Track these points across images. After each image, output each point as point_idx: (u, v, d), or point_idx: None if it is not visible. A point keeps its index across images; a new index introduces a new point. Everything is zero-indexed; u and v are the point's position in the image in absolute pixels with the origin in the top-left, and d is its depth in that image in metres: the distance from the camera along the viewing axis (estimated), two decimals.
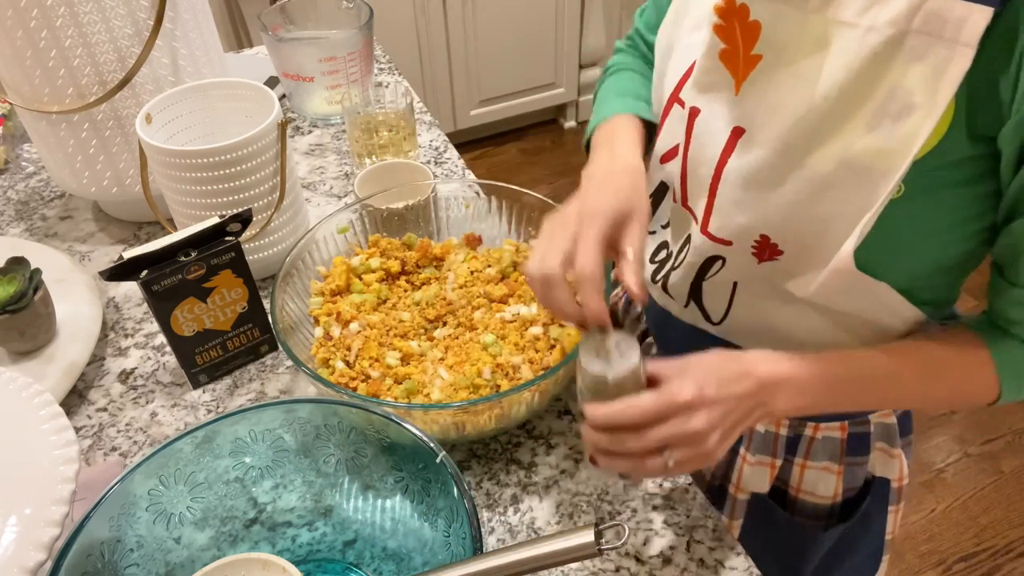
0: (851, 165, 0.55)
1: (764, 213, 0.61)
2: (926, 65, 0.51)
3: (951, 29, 0.49)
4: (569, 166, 2.79)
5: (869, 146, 0.54)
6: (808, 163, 0.57)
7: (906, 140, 0.52)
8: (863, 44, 0.52)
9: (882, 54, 0.52)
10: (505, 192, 0.92)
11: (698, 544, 0.71)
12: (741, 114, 0.60)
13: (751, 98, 0.59)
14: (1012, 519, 1.77)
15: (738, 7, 0.58)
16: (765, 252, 0.63)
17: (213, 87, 0.94)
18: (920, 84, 0.51)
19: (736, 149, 0.61)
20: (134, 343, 0.92)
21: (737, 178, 0.62)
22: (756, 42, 0.58)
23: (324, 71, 1.18)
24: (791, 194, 0.59)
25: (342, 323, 0.82)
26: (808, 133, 0.56)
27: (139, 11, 0.89)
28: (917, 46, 0.51)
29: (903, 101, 0.52)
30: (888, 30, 0.51)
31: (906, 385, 0.63)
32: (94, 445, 0.81)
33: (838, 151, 0.55)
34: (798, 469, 0.81)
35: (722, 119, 0.62)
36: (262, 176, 0.88)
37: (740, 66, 0.59)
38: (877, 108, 0.53)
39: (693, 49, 0.66)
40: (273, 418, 0.64)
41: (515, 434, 0.81)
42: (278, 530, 0.67)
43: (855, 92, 0.54)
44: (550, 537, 0.54)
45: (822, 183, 0.57)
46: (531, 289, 0.64)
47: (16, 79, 0.91)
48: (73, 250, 1.05)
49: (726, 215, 0.64)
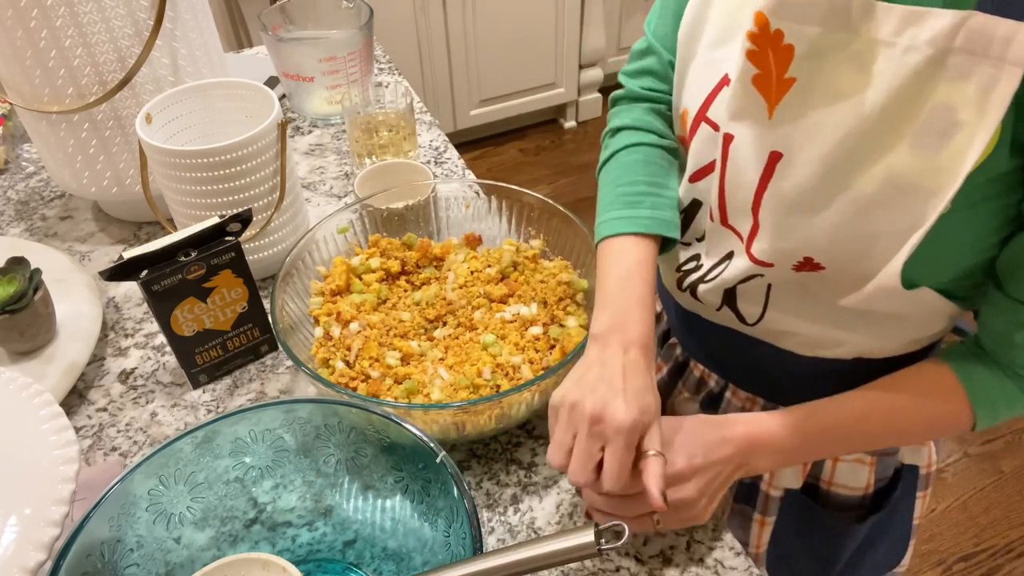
0: (897, 184, 0.55)
1: (809, 236, 0.61)
2: (971, 83, 0.50)
3: (997, 47, 0.48)
4: (569, 166, 2.79)
5: (915, 164, 0.53)
6: (853, 184, 0.56)
7: (955, 158, 0.52)
8: (903, 63, 0.52)
9: (923, 73, 0.51)
10: (505, 192, 0.92)
11: (698, 544, 0.71)
12: (777, 138, 0.59)
13: (786, 122, 0.58)
14: (1012, 519, 1.77)
15: (773, 33, 0.56)
16: (805, 267, 0.63)
17: (213, 87, 0.94)
18: (966, 102, 0.50)
19: (775, 174, 0.61)
20: (134, 343, 0.92)
21: (779, 203, 0.61)
22: (789, 65, 0.57)
23: (324, 71, 1.18)
24: (836, 216, 0.58)
25: (342, 323, 0.82)
26: (851, 154, 0.56)
27: (139, 11, 0.89)
28: (960, 64, 0.50)
29: (948, 119, 0.51)
30: (928, 49, 0.50)
31: (875, 427, 0.66)
32: (94, 445, 0.81)
33: (883, 170, 0.55)
34: (830, 463, 0.81)
35: (757, 145, 0.61)
36: (262, 176, 0.88)
37: (773, 90, 0.58)
38: (921, 127, 0.53)
39: (715, 66, 0.65)
40: (273, 418, 0.64)
41: (515, 434, 0.81)
42: (278, 530, 0.67)
43: (897, 111, 0.53)
44: (550, 537, 0.54)
45: (868, 203, 0.56)
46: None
47: (16, 79, 0.91)
48: (73, 250, 1.05)
49: (770, 239, 0.63)
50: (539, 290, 0.85)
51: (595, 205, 0.77)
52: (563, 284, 0.85)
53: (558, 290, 0.85)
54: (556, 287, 0.85)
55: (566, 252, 0.89)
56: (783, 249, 0.63)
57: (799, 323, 0.70)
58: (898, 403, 0.65)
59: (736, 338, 0.76)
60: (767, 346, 0.74)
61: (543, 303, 0.84)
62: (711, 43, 0.66)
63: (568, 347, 0.78)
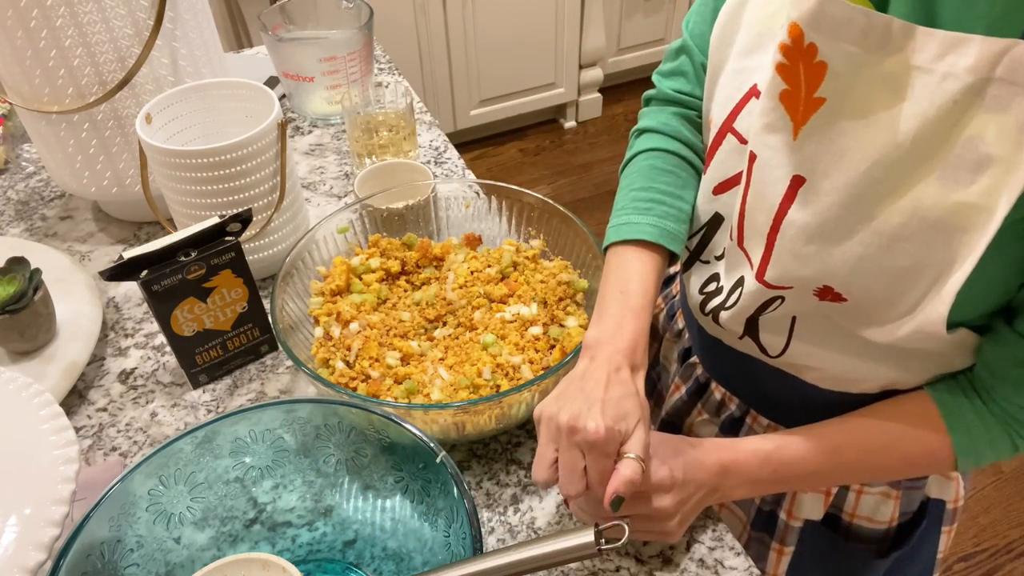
0: (924, 218, 0.52)
1: (828, 266, 0.58)
2: (1011, 116, 0.47)
3: None
4: (569, 166, 2.79)
5: (944, 199, 0.51)
6: (878, 216, 0.54)
7: (987, 195, 0.49)
8: (939, 91, 0.49)
9: (961, 102, 0.49)
10: (505, 192, 0.92)
11: (698, 544, 0.71)
12: (801, 161, 0.57)
13: (812, 144, 0.56)
14: (1012, 519, 1.77)
15: (806, 47, 0.53)
16: (827, 295, 0.60)
17: (213, 87, 0.94)
18: (1003, 136, 0.48)
19: (796, 200, 0.58)
20: (134, 343, 0.92)
21: (798, 231, 0.58)
22: (820, 84, 0.54)
23: (324, 71, 1.18)
24: (859, 248, 0.55)
25: (342, 323, 0.82)
26: (878, 183, 0.53)
27: (139, 11, 0.89)
28: (1000, 95, 0.47)
29: (981, 153, 0.49)
30: (968, 77, 0.48)
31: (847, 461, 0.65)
32: (94, 445, 0.81)
33: (910, 203, 0.52)
34: (854, 495, 0.78)
35: (780, 166, 0.58)
36: (262, 176, 0.88)
37: (800, 109, 0.55)
38: (954, 159, 0.50)
39: (746, 75, 0.63)
40: (273, 418, 0.64)
41: (515, 434, 0.81)
42: (278, 530, 0.67)
43: (930, 142, 0.50)
44: (550, 537, 0.54)
45: (893, 236, 0.54)
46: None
47: (16, 79, 0.91)
48: (73, 250, 1.05)
49: (785, 267, 0.61)
50: (539, 290, 0.85)
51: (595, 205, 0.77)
52: (563, 284, 0.85)
53: (558, 290, 0.85)
54: (556, 287, 0.85)
55: (566, 252, 0.89)
56: (801, 276, 0.60)
57: (824, 355, 0.67)
58: (873, 437, 0.63)
59: (757, 366, 0.74)
60: (790, 378, 0.72)
61: (543, 303, 0.84)
62: (742, 50, 0.63)
63: (568, 347, 0.78)
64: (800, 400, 0.73)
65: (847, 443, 0.64)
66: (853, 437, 0.64)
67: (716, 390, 0.82)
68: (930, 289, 0.54)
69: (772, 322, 0.67)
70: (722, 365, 0.80)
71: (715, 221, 0.71)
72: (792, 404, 0.74)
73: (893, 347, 0.60)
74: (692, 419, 0.87)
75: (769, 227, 0.60)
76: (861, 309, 0.59)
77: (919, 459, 0.63)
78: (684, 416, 0.88)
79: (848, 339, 0.63)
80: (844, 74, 0.53)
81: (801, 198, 0.57)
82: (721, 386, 0.82)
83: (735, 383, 0.80)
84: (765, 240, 0.61)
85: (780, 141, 0.57)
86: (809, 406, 0.71)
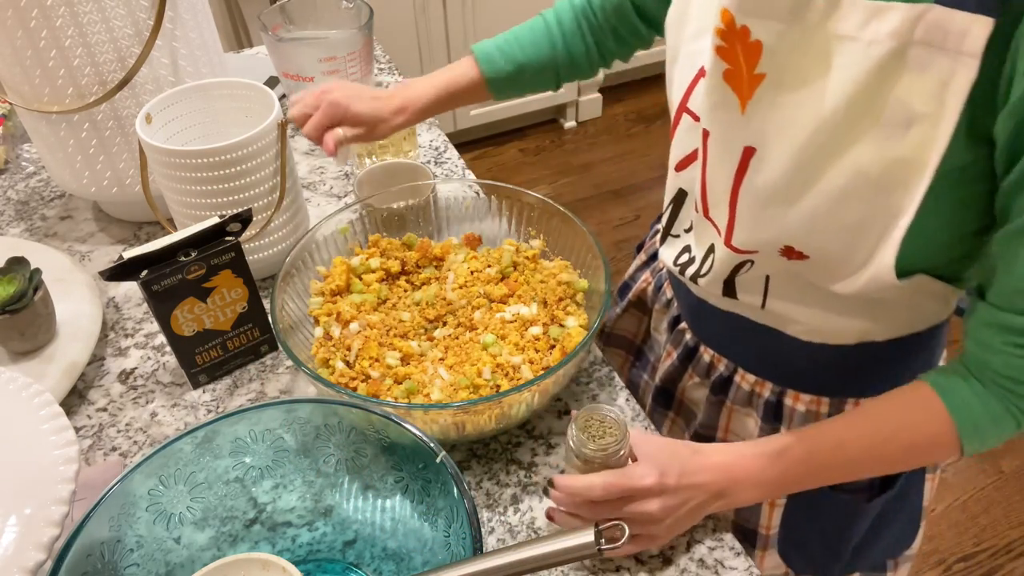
0: (866, 176, 0.56)
1: (785, 227, 0.62)
2: (930, 75, 0.51)
3: (953, 40, 0.49)
4: (569, 166, 2.79)
5: (881, 156, 0.55)
6: (823, 177, 0.58)
7: (919, 149, 0.53)
8: (866, 57, 0.53)
9: (886, 66, 0.52)
10: (505, 192, 0.92)
11: (698, 544, 0.71)
12: (750, 134, 0.61)
13: (758, 117, 0.60)
14: (1012, 519, 1.77)
15: (739, 29, 0.57)
16: (792, 255, 0.64)
17: (213, 87, 0.94)
18: (926, 94, 0.52)
19: (750, 169, 0.62)
20: (134, 343, 0.92)
21: (755, 197, 0.63)
22: (758, 62, 0.57)
23: (324, 71, 1.18)
24: (810, 208, 0.59)
25: (342, 323, 0.82)
26: (820, 148, 0.57)
27: (139, 11, 0.89)
28: (920, 56, 0.51)
29: (909, 111, 0.53)
30: (890, 42, 0.51)
31: (852, 455, 0.65)
32: (94, 445, 0.81)
33: (851, 163, 0.56)
34: None
35: (732, 139, 0.63)
36: (262, 176, 0.88)
37: (744, 86, 0.59)
38: (885, 119, 0.54)
39: (695, 58, 0.67)
40: (273, 418, 0.64)
41: (515, 434, 0.81)
42: (278, 530, 0.67)
43: (863, 105, 0.54)
44: (550, 537, 0.54)
45: (839, 195, 0.57)
46: None
47: (16, 79, 0.91)
48: (73, 250, 1.05)
49: (748, 230, 0.65)
50: (539, 290, 0.85)
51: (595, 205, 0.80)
52: (563, 284, 0.85)
53: (558, 290, 0.85)
54: (556, 287, 0.85)
55: (566, 252, 0.89)
56: (763, 239, 0.64)
57: (800, 311, 0.71)
58: (875, 429, 0.64)
59: (743, 325, 0.77)
60: (774, 332, 0.75)
61: (543, 303, 0.84)
62: (692, 34, 0.68)
63: (568, 347, 0.78)
64: (784, 356, 0.76)
65: (851, 437, 0.65)
66: (856, 431, 0.65)
67: (705, 352, 0.85)
68: (879, 240, 0.58)
69: (748, 283, 0.72)
70: (710, 327, 0.83)
71: (680, 196, 0.76)
72: (777, 360, 0.78)
73: (860, 297, 0.64)
74: (684, 383, 0.90)
75: (729, 196, 0.65)
76: (823, 264, 0.63)
77: (924, 447, 0.64)
78: (676, 381, 0.90)
79: (819, 293, 0.67)
80: (778, 50, 0.56)
81: (754, 167, 0.62)
82: (710, 348, 0.84)
83: (723, 344, 0.83)
84: (728, 208, 0.66)
85: (729, 117, 0.62)
86: (793, 361, 0.76)
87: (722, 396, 0.84)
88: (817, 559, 0.87)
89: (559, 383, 0.76)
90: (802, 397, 0.78)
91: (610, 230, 2.48)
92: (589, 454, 0.66)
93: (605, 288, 0.80)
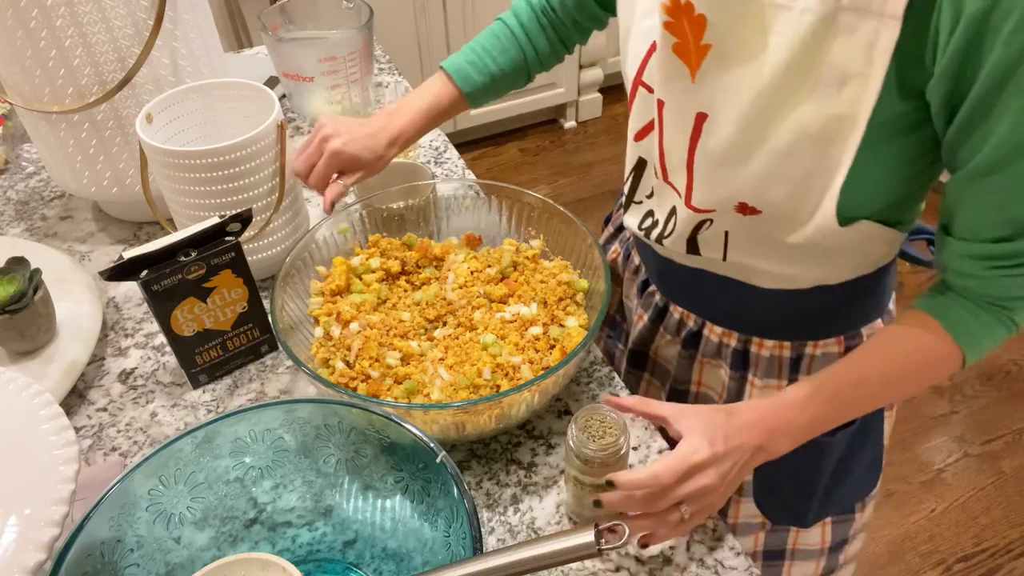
0: (808, 133, 0.61)
1: (739, 185, 0.67)
2: (858, 37, 0.56)
3: (877, 3, 0.54)
4: (569, 166, 2.78)
5: (820, 114, 0.60)
6: (769, 137, 0.63)
7: (853, 105, 0.58)
8: (800, 24, 0.57)
9: (819, 32, 0.57)
10: (505, 192, 0.92)
11: (698, 544, 0.71)
12: (701, 100, 0.66)
13: (707, 85, 0.64)
14: (1012, 519, 1.77)
15: (683, 4, 0.62)
16: (746, 211, 0.69)
17: (213, 87, 0.94)
18: (855, 55, 0.56)
19: (703, 133, 0.67)
20: (134, 343, 0.92)
21: (709, 159, 0.68)
22: (704, 33, 0.62)
23: (324, 71, 1.18)
24: (759, 167, 0.65)
25: (342, 323, 0.82)
26: (764, 110, 0.62)
27: (139, 11, 0.89)
28: (849, 20, 0.55)
29: (842, 71, 0.57)
30: (821, 9, 0.56)
31: (873, 388, 0.69)
32: (94, 445, 0.81)
33: (793, 123, 0.61)
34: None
35: (685, 107, 0.67)
36: (262, 176, 0.88)
37: (693, 57, 0.64)
38: (821, 80, 0.58)
39: (647, 34, 0.71)
40: (273, 418, 0.64)
41: (515, 434, 0.81)
42: (278, 530, 0.67)
43: (799, 68, 0.59)
44: (550, 537, 0.54)
45: (785, 153, 0.62)
46: None
47: (16, 79, 0.91)
48: (73, 250, 1.05)
49: (705, 191, 0.70)
50: (539, 290, 0.85)
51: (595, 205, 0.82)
52: (563, 284, 0.85)
53: (558, 290, 0.85)
54: (556, 287, 0.85)
55: (566, 252, 0.90)
56: (720, 198, 0.69)
57: (759, 261, 0.75)
58: (888, 359, 0.68)
59: (708, 277, 0.81)
60: (736, 283, 0.79)
61: (543, 303, 0.84)
62: (643, 13, 0.72)
63: (568, 347, 0.78)
64: (747, 305, 0.81)
65: (869, 372, 0.68)
66: (872, 365, 0.68)
67: (674, 311, 0.88)
68: (822, 192, 0.64)
69: (709, 239, 0.76)
70: (677, 286, 0.87)
71: (640, 165, 0.81)
72: (741, 310, 0.82)
73: (811, 245, 0.69)
74: (657, 343, 0.93)
75: (686, 160, 0.70)
76: (775, 218, 0.68)
77: (933, 365, 0.68)
78: (649, 343, 0.94)
79: (774, 244, 0.72)
80: (720, 23, 0.61)
81: (706, 131, 0.67)
82: (679, 306, 0.88)
83: (690, 300, 0.87)
84: (686, 171, 0.71)
85: (681, 86, 0.67)
86: (755, 309, 0.81)
87: (693, 350, 0.88)
88: (790, 505, 0.90)
89: (559, 383, 0.76)
90: (766, 343, 0.82)
91: None
92: (589, 454, 0.66)
93: (605, 288, 0.80)
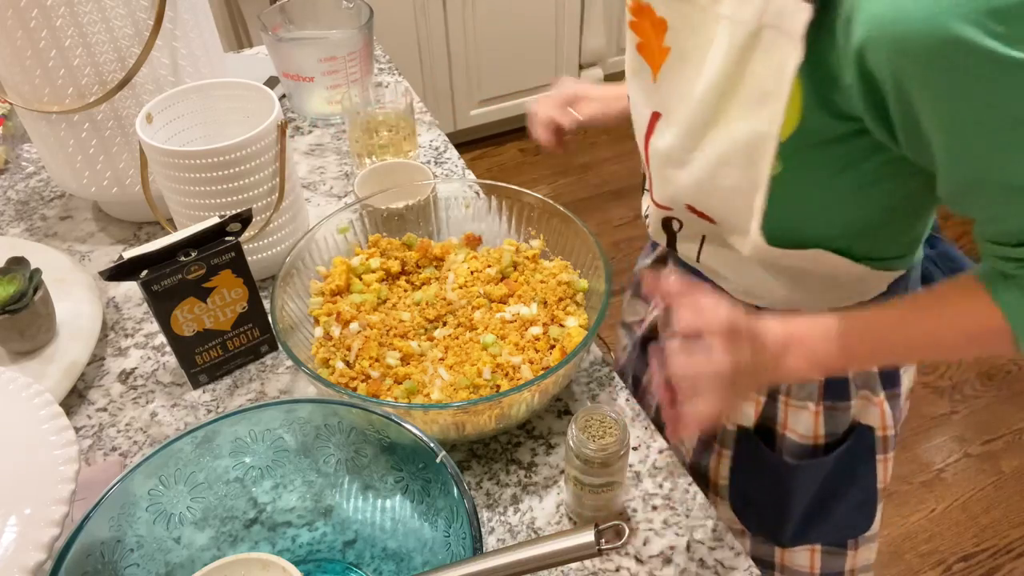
0: (737, 144, 0.61)
1: (681, 187, 0.69)
2: (774, 56, 0.56)
3: (787, 23, 0.54)
4: (569, 166, 2.78)
5: (745, 128, 0.60)
6: (704, 145, 0.64)
7: (770, 124, 0.58)
8: (733, 36, 0.58)
9: (747, 45, 0.57)
10: (505, 192, 0.92)
11: (698, 544, 0.71)
12: (658, 100, 0.68)
13: (664, 85, 0.66)
14: (1012, 519, 1.77)
15: (644, 6, 0.64)
16: (696, 214, 0.70)
17: (213, 87, 0.94)
18: (770, 73, 0.57)
19: (655, 132, 0.69)
20: (134, 343, 0.92)
21: (659, 158, 0.70)
22: (664, 36, 0.64)
23: (324, 71, 1.18)
24: (696, 173, 0.66)
25: (342, 323, 0.82)
26: (701, 116, 0.63)
27: (139, 11, 0.89)
28: (769, 38, 0.56)
29: (761, 88, 0.58)
30: (750, 24, 0.56)
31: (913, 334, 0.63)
32: (94, 445, 0.81)
33: (727, 132, 0.62)
34: (782, 406, 0.83)
35: (645, 103, 0.70)
36: (262, 176, 0.88)
37: (655, 57, 0.66)
38: (747, 93, 0.59)
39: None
40: (273, 418, 0.64)
41: (515, 434, 0.81)
42: (278, 530, 0.67)
43: (731, 79, 0.59)
44: (550, 537, 0.54)
45: (718, 161, 0.64)
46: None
47: (16, 79, 0.91)
48: (73, 250, 1.05)
49: (659, 187, 0.73)
50: (539, 290, 0.85)
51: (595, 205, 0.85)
52: (563, 284, 0.85)
53: (558, 290, 0.85)
54: (556, 287, 0.85)
55: (566, 252, 0.89)
56: (669, 196, 0.72)
57: (727, 270, 0.76)
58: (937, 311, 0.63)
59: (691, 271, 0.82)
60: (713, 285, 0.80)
61: (543, 303, 0.84)
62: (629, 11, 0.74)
63: (568, 347, 0.78)
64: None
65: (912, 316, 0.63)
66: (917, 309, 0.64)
67: None
68: (751, 208, 0.64)
69: (686, 239, 0.78)
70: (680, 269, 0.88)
71: None
72: None
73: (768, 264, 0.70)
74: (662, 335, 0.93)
75: (644, 156, 0.73)
76: (724, 227, 0.69)
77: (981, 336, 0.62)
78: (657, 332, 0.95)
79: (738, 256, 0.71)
80: (679, 27, 0.63)
81: (658, 130, 0.69)
82: None
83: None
84: (647, 166, 0.74)
85: (644, 84, 0.69)
86: None
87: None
88: (765, 519, 0.89)
89: (559, 383, 0.76)
90: None
91: (610, 230, 2.48)
92: (589, 454, 0.66)
93: (605, 288, 0.80)
